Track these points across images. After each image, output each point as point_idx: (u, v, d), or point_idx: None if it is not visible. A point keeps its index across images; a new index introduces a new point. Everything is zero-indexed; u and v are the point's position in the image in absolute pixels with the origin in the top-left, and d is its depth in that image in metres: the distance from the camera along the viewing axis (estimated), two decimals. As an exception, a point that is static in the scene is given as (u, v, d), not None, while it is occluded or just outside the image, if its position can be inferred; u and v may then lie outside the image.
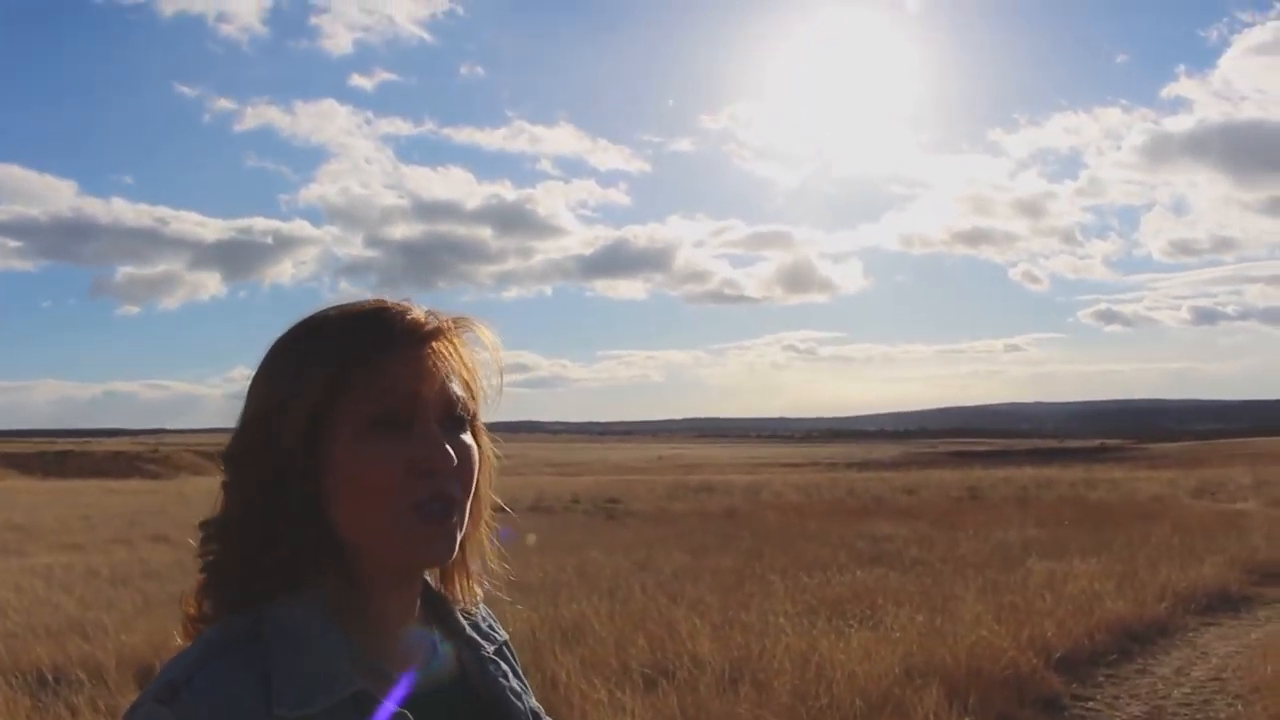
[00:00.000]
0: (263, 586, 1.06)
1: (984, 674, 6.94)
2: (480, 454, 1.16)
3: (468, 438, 1.13)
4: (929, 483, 36.12)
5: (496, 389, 1.19)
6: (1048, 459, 75.81)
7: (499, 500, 1.25)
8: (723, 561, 13.52)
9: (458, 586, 1.26)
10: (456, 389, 1.12)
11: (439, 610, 1.24)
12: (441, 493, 1.08)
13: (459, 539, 1.12)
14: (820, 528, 18.35)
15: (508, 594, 1.26)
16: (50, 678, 7.18)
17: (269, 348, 1.13)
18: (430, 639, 1.20)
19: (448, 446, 1.09)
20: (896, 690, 6.51)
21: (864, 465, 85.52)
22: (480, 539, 1.23)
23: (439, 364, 1.10)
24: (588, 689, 6.42)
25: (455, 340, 1.14)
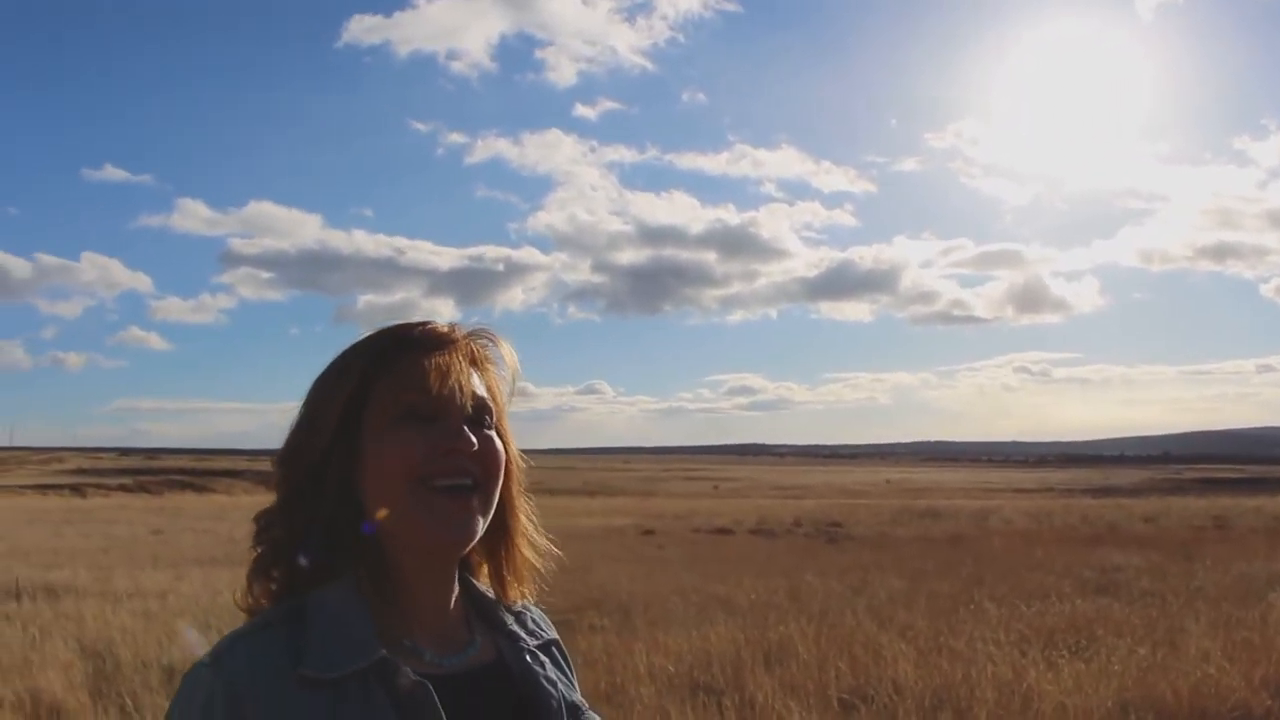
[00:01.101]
0: (305, 574, 1.20)
1: (1208, 713, 6.57)
2: (506, 456, 1.27)
3: (490, 433, 1.25)
4: (1170, 511, 34.42)
5: (510, 395, 1.33)
6: (1307, 488, 70.81)
7: (526, 492, 1.35)
8: (940, 587, 13.24)
9: (506, 589, 1.36)
10: (476, 389, 1.24)
11: (481, 607, 1.35)
12: (460, 469, 1.20)
13: (480, 523, 1.23)
14: (1046, 555, 17.81)
15: (718, 613, 1.34)
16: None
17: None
18: (466, 628, 1.30)
19: (468, 431, 1.21)
20: (1108, 725, 6.26)
21: (1101, 492, 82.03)
22: (521, 539, 1.35)
23: (456, 366, 1.23)
24: (784, 711, 6.42)
25: (473, 347, 1.28)
